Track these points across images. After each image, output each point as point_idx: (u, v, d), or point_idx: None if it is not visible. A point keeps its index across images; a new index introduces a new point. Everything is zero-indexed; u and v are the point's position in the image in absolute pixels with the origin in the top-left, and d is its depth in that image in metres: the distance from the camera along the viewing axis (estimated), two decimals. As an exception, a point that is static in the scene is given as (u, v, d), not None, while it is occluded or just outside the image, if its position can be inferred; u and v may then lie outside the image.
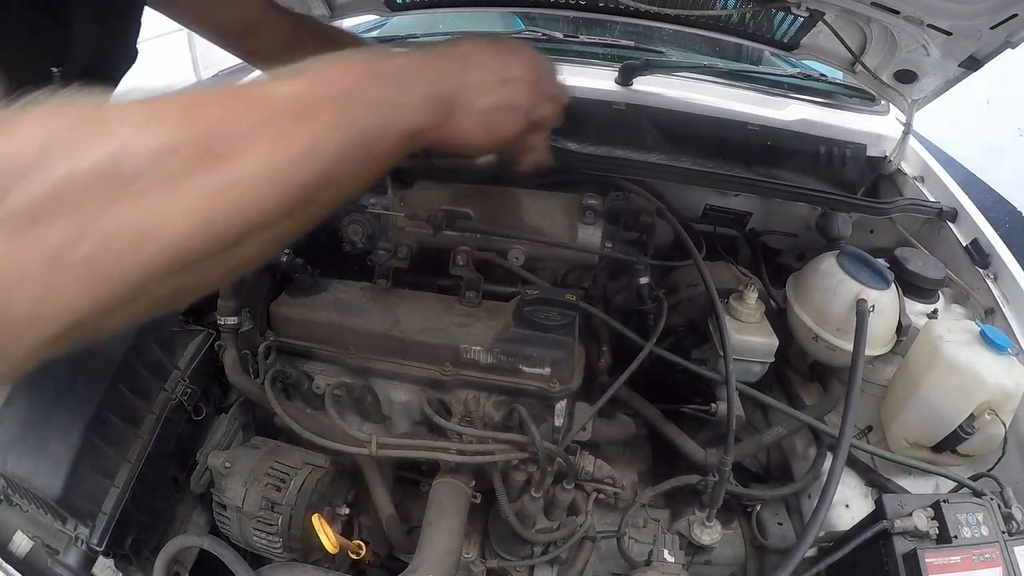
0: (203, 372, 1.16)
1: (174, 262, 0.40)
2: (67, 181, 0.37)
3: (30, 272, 0.37)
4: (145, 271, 0.39)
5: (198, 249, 0.41)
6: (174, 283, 0.42)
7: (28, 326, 0.38)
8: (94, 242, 0.38)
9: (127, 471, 1.01)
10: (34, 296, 0.37)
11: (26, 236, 0.36)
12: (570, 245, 1.17)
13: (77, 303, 0.38)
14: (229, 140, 0.42)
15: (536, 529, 1.09)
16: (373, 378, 1.11)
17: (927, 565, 0.87)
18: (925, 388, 1.08)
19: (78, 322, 0.39)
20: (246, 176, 0.42)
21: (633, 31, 2.00)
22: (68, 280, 0.38)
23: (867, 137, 1.60)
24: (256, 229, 0.44)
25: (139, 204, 0.38)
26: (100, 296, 0.39)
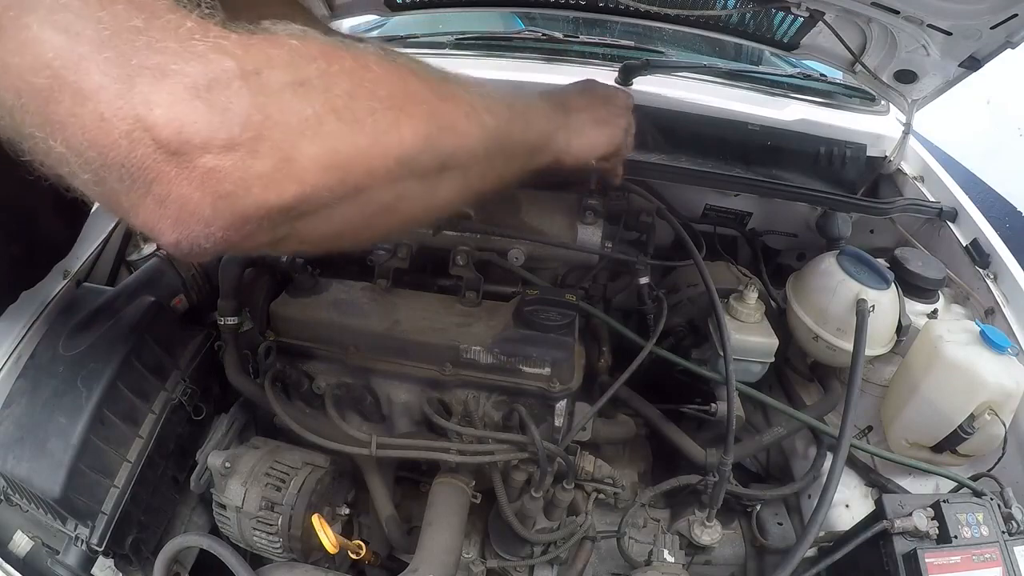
0: (203, 372, 1.16)
1: (400, 162, 0.49)
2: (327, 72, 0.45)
3: (285, 133, 0.42)
4: (374, 167, 0.47)
5: (417, 162, 0.51)
6: (392, 191, 0.50)
7: (264, 183, 0.42)
8: (342, 124, 0.45)
9: (127, 471, 1.01)
10: (281, 156, 0.42)
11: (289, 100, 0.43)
12: (570, 245, 1.17)
13: (314, 175, 0.44)
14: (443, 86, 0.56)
15: (536, 529, 1.08)
16: (373, 378, 1.11)
17: (927, 565, 0.87)
18: (925, 388, 1.08)
19: (307, 197, 0.44)
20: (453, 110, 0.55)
21: (633, 31, 2.00)
22: (313, 150, 0.44)
23: (867, 137, 1.61)
24: (454, 160, 0.55)
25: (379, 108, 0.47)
26: (335, 175, 0.45)
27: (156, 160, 0.39)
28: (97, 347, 1.01)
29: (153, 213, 0.42)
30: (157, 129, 0.39)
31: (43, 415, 0.96)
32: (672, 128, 1.54)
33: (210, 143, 0.40)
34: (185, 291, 1.21)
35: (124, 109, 0.38)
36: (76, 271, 1.15)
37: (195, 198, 0.41)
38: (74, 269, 1.15)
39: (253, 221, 0.43)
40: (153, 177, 0.40)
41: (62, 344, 1.03)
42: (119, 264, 1.29)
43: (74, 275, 1.15)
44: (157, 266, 1.20)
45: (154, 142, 0.39)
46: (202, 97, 0.39)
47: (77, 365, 1.00)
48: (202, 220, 0.42)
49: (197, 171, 0.40)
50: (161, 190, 0.41)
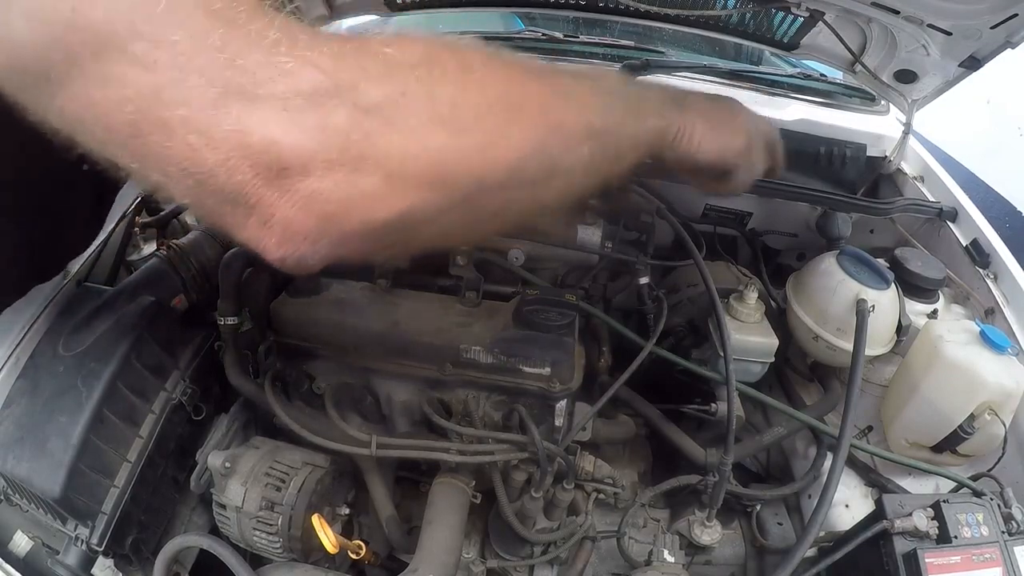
0: (203, 372, 1.15)
1: (508, 172, 0.47)
2: (427, 79, 0.43)
3: (387, 149, 0.41)
4: (483, 177, 0.46)
5: (527, 170, 0.49)
6: (500, 199, 0.49)
7: (368, 202, 0.41)
8: (447, 135, 0.43)
9: (127, 471, 1.01)
10: (384, 173, 0.41)
11: (389, 114, 0.41)
12: (570, 245, 1.17)
13: (419, 191, 0.43)
14: (554, 83, 0.53)
15: (536, 529, 1.08)
16: (373, 378, 1.11)
17: (927, 565, 0.87)
18: (925, 388, 1.08)
19: (413, 212, 0.43)
20: (563, 110, 0.52)
21: (633, 31, 2.00)
22: (419, 166, 0.42)
23: (867, 137, 1.61)
24: (561, 163, 0.53)
25: (486, 115, 0.46)
26: (441, 189, 0.44)
27: (256, 185, 0.39)
28: (97, 347, 1.01)
29: (257, 232, 0.42)
30: (255, 155, 0.38)
31: (43, 415, 0.96)
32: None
33: (310, 165, 0.39)
34: (185, 291, 1.21)
35: (216, 138, 0.38)
36: (76, 271, 1.15)
37: (299, 219, 0.41)
38: (74, 269, 1.15)
39: (359, 237, 0.43)
40: (255, 201, 0.40)
41: (62, 344, 1.03)
42: (119, 264, 1.29)
43: (74, 275, 1.15)
44: (157, 266, 1.20)
45: (252, 168, 0.38)
46: (297, 119, 0.38)
47: (77, 365, 1.00)
48: (308, 239, 0.42)
49: (299, 194, 0.40)
50: (264, 212, 0.40)
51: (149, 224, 1.38)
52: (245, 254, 1.12)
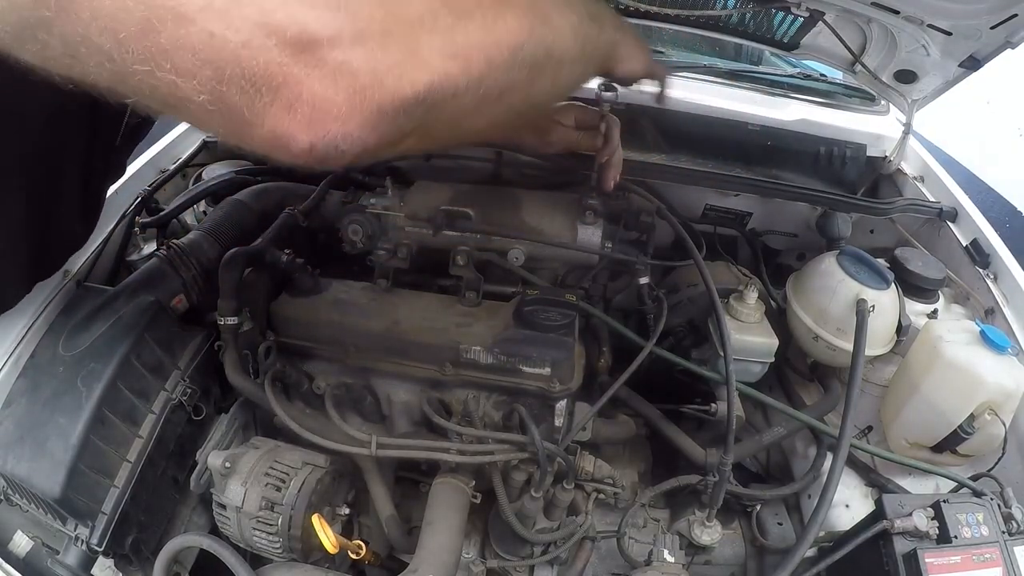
0: (203, 372, 1.15)
1: (511, 51, 0.51)
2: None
3: (408, 26, 0.43)
4: (491, 55, 0.49)
5: (524, 52, 0.52)
6: (504, 80, 0.52)
7: (396, 74, 0.43)
8: (455, 17, 0.47)
9: (127, 471, 1.01)
10: (407, 47, 0.43)
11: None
12: (570, 245, 1.17)
13: (439, 64, 0.45)
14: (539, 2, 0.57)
15: (536, 529, 1.08)
16: (373, 378, 1.11)
17: (927, 565, 0.87)
18: (925, 388, 1.08)
19: (435, 86, 0.45)
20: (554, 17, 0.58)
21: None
22: (435, 42, 0.45)
23: (867, 137, 1.61)
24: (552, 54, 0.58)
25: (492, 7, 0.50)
26: (457, 64, 0.47)
27: (282, 63, 0.39)
28: (97, 347, 1.01)
29: (282, 120, 0.41)
30: (280, 31, 0.38)
31: (43, 415, 0.96)
32: (672, 128, 1.54)
33: (339, 37, 0.40)
34: (185, 291, 1.21)
35: (236, 20, 0.38)
36: (76, 271, 1.15)
37: (329, 95, 0.40)
38: (74, 269, 1.15)
39: (388, 115, 0.43)
40: (280, 81, 0.39)
41: (62, 344, 1.03)
42: (119, 264, 1.29)
43: (74, 275, 1.15)
44: (157, 266, 1.20)
45: (278, 45, 0.38)
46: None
47: (77, 365, 1.00)
48: (338, 118, 0.41)
49: (328, 66, 0.40)
50: (290, 92, 0.40)
51: (149, 224, 1.38)
52: (245, 254, 1.12)
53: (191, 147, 1.58)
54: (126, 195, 1.34)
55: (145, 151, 1.51)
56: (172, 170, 1.50)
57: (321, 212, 1.28)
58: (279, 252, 1.13)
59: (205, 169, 1.56)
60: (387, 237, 1.16)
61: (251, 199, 1.37)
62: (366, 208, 1.16)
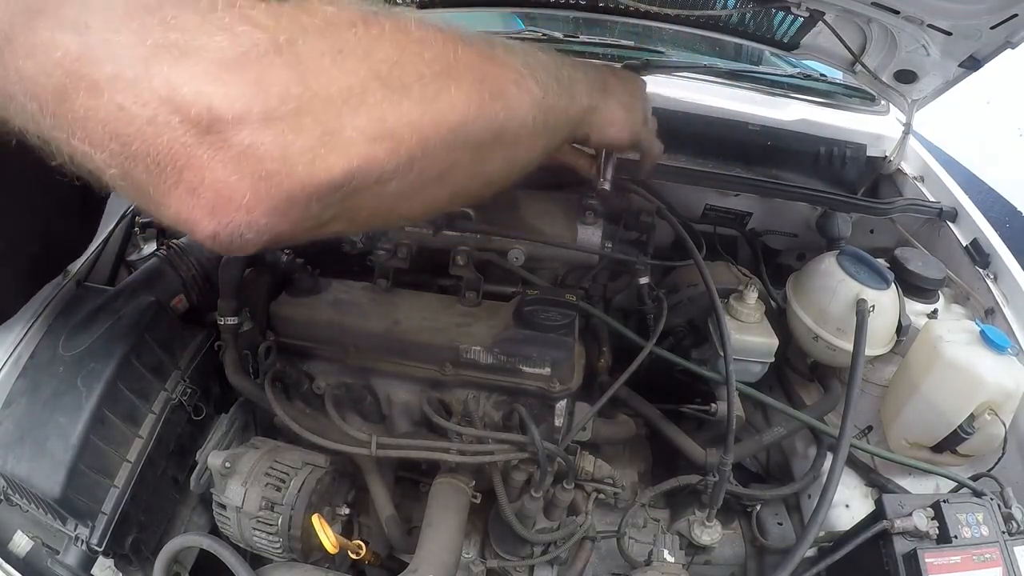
0: (203, 372, 1.16)
1: (451, 131, 0.46)
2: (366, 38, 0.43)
3: (326, 105, 0.40)
4: (426, 136, 0.45)
5: (470, 130, 0.48)
6: (444, 160, 0.48)
7: (308, 159, 0.39)
8: (387, 92, 0.42)
9: (127, 471, 1.01)
10: (324, 129, 0.39)
11: (329, 70, 0.40)
12: (570, 245, 1.17)
13: (361, 148, 0.41)
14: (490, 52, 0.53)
15: (536, 529, 1.08)
16: (373, 378, 1.11)
17: (927, 565, 0.87)
18: (925, 388, 1.08)
19: (355, 172, 0.41)
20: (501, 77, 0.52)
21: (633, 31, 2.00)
22: (359, 121, 0.41)
23: (867, 137, 1.61)
24: (505, 130, 0.52)
25: (426, 74, 0.45)
26: (384, 147, 0.43)
27: (186, 143, 0.36)
28: (97, 347, 1.01)
29: (186, 203, 0.38)
30: (184, 108, 0.36)
31: (43, 415, 0.96)
32: (672, 128, 1.53)
33: (246, 117, 0.37)
34: (185, 291, 1.21)
35: (144, 94, 0.35)
36: (76, 271, 1.15)
37: (232, 181, 0.38)
38: (74, 269, 1.15)
39: (299, 203, 0.40)
40: (183, 163, 0.37)
41: (62, 344, 1.03)
42: (119, 264, 1.29)
43: (74, 275, 1.15)
44: (157, 266, 1.20)
45: (182, 123, 0.36)
46: (232, 71, 0.36)
47: (77, 365, 1.00)
48: (242, 206, 0.38)
49: (233, 150, 0.37)
50: (193, 176, 0.37)
51: (149, 224, 1.38)
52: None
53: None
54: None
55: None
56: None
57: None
58: (279, 252, 1.13)
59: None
60: (387, 237, 1.16)
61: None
62: (366, 208, 1.16)
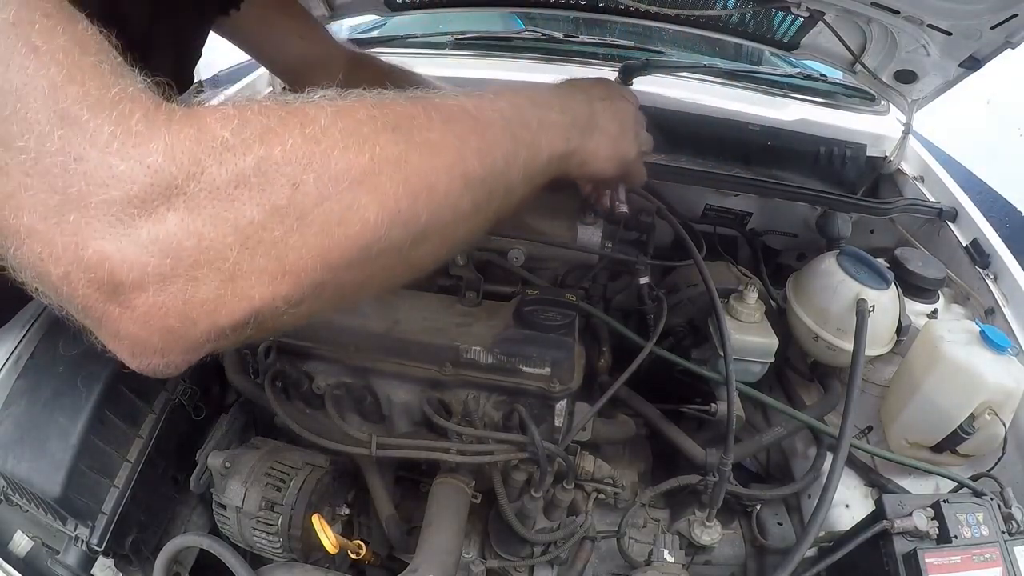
0: (203, 372, 1.16)
1: (362, 249, 0.43)
2: (266, 162, 0.39)
3: (222, 251, 0.38)
4: (331, 262, 0.42)
5: (387, 239, 0.44)
6: (359, 274, 0.45)
7: (209, 309, 0.39)
8: (287, 225, 0.40)
9: (127, 471, 1.01)
10: (222, 277, 0.39)
11: (222, 212, 0.38)
12: (570, 245, 1.17)
13: (262, 289, 0.40)
14: (420, 136, 0.47)
15: (536, 529, 1.08)
16: (373, 378, 1.11)
17: (927, 565, 0.87)
18: (925, 388, 1.08)
19: (260, 310, 0.41)
20: (430, 168, 0.47)
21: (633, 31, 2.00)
22: (257, 262, 0.39)
23: (867, 137, 1.61)
24: (433, 223, 0.48)
25: (332, 193, 0.41)
26: (287, 282, 0.41)
27: (98, 301, 0.38)
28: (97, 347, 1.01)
29: (111, 343, 0.41)
30: (90, 271, 0.37)
31: (43, 415, 0.96)
32: (672, 128, 1.54)
33: (145, 281, 0.37)
34: (185, 291, 1.21)
35: (57, 250, 0.36)
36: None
37: (143, 336, 0.39)
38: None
39: (209, 343, 0.41)
40: (99, 316, 0.39)
41: (62, 344, 1.03)
42: (119, 264, 1.29)
43: (74, 275, 1.15)
44: (157, 266, 1.20)
45: (90, 284, 0.37)
46: (128, 232, 0.36)
47: (77, 365, 1.00)
48: (156, 352, 0.41)
49: (138, 311, 0.38)
50: (110, 328, 0.40)
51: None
52: None
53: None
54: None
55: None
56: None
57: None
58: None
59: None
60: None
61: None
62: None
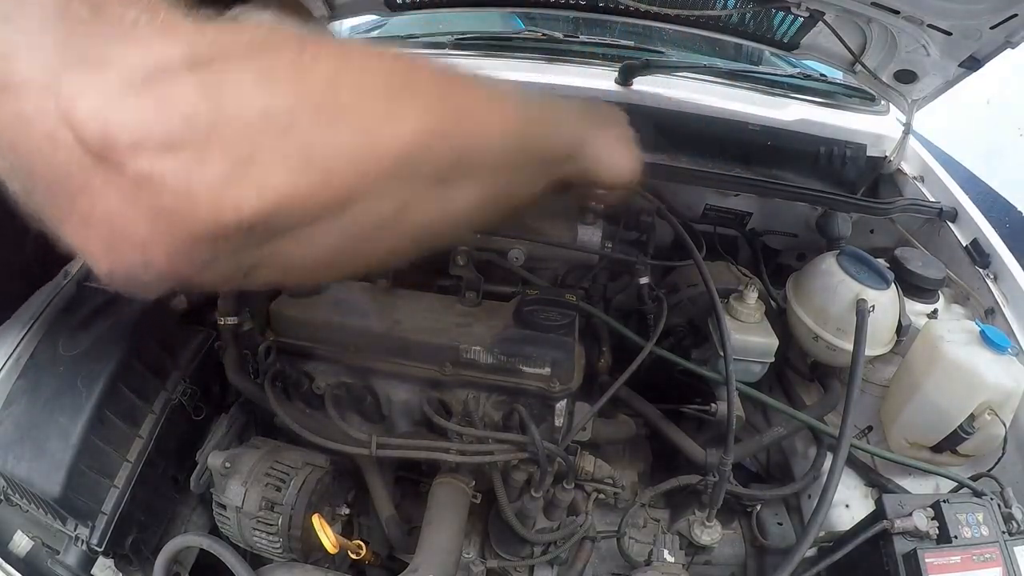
0: (203, 372, 1.16)
1: (397, 161, 0.39)
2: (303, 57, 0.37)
3: (242, 130, 0.33)
4: (364, 168, 0.38)
5: (423, 160, 0.41)
6: (391, 201, 0.41)
7: (214, 193, 0.33)
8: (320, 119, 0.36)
9: (127, 471, 1.01)
10: (237, 158, 0.33)
11: (250, 92, 0.34)
12: (570, 245, 1.17)
13: (282, 180, 0.35)
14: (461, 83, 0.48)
15: (536, 529, 1.09)
16: (373, 378, 1.11)
17: (927, 565, 0.87)
18: (925, 388, 1.08)
19: (273, 207, 0.35)
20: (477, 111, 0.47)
21: (633, 31, 2.00)
22: (281, 149, 0.34)
23: (867, 137, 1.61)
24: (467, 160, 0.46)
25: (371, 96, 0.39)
26: (310, 179, 0.36)
27: (81, 166, 0.32)
28: (97, 347, 1.01)
29: (80, 234, 0.34)
30: (80, 126, 0.31)
31: (43, 415, 0.96)
32: (672, 128, 1.54)
33: (143, 142, 0.31)
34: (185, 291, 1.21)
35: (46, 104, 0.31)
36: (76, 271, 1.15)
37: (126, 214, 0.32)
38: (74, 269, 1.15)
39: (204, 244, 0.34)
40: (77, 187, 0.32)
41: (62, 344, 1.03)
42: (119, 264, 1.29)
43: (74, 275, 1.15)
44: (157, 266, 1.20)
45: (77, 142, 0.31)
46: (137, 88, 0.32)
47: (77, 365, 1.00)
48: (136, 244, 0.33)
49: (127, 178, 0.32)
50: (86, 204, 0.33)
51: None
52: None
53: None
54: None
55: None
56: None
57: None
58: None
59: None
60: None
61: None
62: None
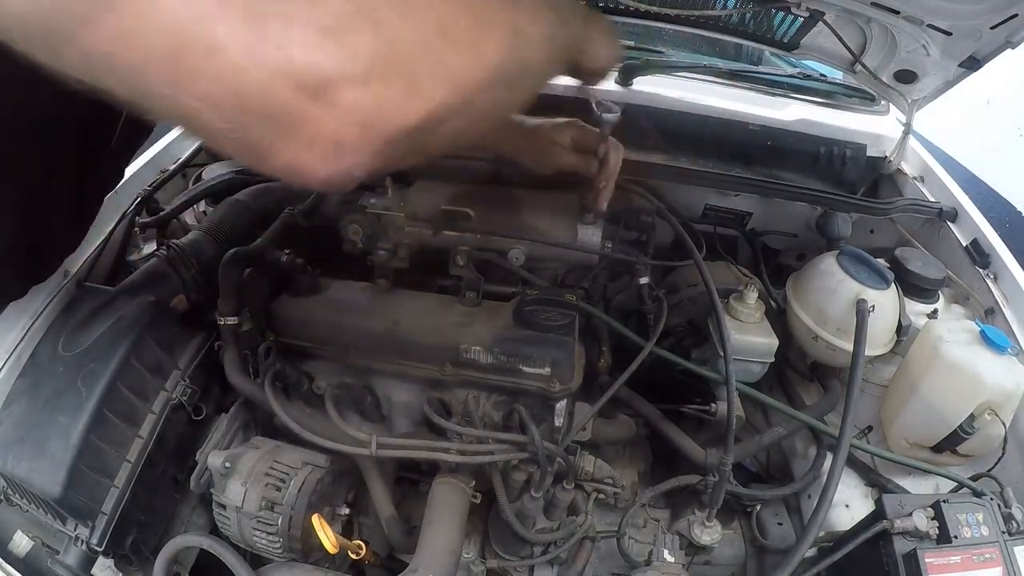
0: (203, 372, 1.15)
1: (493, 71, 0.52)
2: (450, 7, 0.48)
3: (408, 60, 0.46)
4: (478, 78, 0.51)
5: (505, 69, 0.53)
6: (488, 100, 0.54)
7: (399, 105, 0.46)
8: (452, 47, 0.48)
9: (127, 471, 1.01)
10: (407, 81, 0.46)
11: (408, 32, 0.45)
12: (570, 245, 1.17)
13: (434, 94, 0.47)
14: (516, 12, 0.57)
15: (536, 529, 1.08)
16: (373, 378, 1.11)
17: (927, 565, 0.87)
18: (925, 388, 1.08)
19: (433, 114, 0.48)
20: (529, 31, 0.57)
21: (633, 31, 2.00)
22: (433, 71, 0.48)
23: (867, 137, 1.61)
24: (529, 72, 0.59)
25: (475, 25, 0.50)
26: (453, 90, 0.49)
27: (300, 104, 0.42)
28: (97, 347, 1.01)
29: (301, 154, 0.45)
30: (299, 73, 0.41)
31: (43, 415, 0.96)
32: (672, 128, 1.54)
33: (350, 79, 0.43)
34: (185, 291, 1.21)
35: (259, 57, 0.40)
36: (76, 271, 1.15)
37: (343, 131, 0.44)
38: (74, 269, 1.15)
39: (393, 143, 0.47)
40: (299, 119, 0.42)
41: (62, 344, 1.03)
42: (119, 264, 1.29)
43: (74, 275, 1.15)
44: (157, 266, 1.20)
45: (298, 86, 0.41)
46: (332, 37, 0.41)
47: (77, 365, 1.00)
48: (354, 152, 0.46)
49: (342, 107, 0.43)
50: (310, 131, 0.43)
51: (149, 224, 1.38)
52: (245, 254, 1.12)
53: (191, 147, 1.58)
54: (126, 195, 1.34)
55: (145, 151, 1.51)
56: (172, 170, 1.50)
57: (321, 212, 1.28)
58: (279, 252, 1.13)
59: (205, 169, 1.56)
60: (387, 237, 1.16)
61: (251, 199, 1.37)
62: (366, 208, 1.16)
